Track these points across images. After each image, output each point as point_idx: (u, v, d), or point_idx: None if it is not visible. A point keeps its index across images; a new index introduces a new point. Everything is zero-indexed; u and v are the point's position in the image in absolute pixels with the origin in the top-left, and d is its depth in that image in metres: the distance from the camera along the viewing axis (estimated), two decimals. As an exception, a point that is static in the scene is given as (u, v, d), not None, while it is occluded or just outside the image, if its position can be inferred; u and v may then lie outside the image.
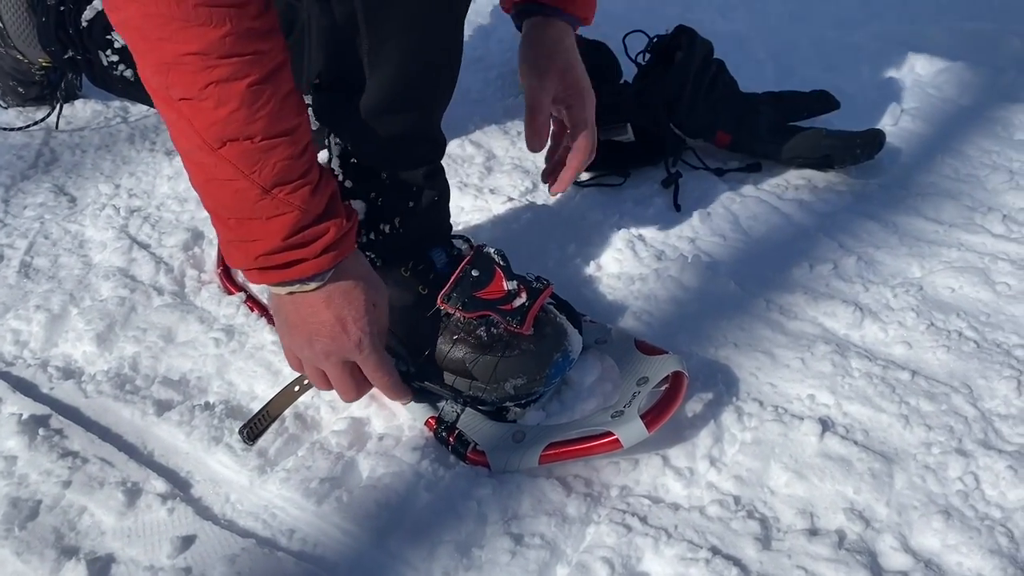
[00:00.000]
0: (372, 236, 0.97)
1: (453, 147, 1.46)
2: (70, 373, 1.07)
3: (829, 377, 1.00)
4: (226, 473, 0.94)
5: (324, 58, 0.89)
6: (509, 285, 0.98)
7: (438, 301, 0.96)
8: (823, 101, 1.39)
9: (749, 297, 1.12)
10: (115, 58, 1.40)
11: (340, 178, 0.94)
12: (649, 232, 1.25)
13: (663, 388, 0.93)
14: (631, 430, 0.87)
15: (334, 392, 1.00)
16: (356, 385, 0.92)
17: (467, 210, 1.31)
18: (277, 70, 0.75)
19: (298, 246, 0.80)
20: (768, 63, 1.66)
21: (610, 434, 0.87)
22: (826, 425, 0.94)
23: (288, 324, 0.90)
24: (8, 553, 0.84)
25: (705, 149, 1.39)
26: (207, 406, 1.00)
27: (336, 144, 0.94)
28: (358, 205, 0.94)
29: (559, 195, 1.33)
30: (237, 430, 0.95)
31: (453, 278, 0.96)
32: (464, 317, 0.95)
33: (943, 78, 1.60)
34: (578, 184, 1.35)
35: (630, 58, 1.44)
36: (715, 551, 0.83)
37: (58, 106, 1.53)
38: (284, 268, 0.82)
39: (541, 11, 1.08)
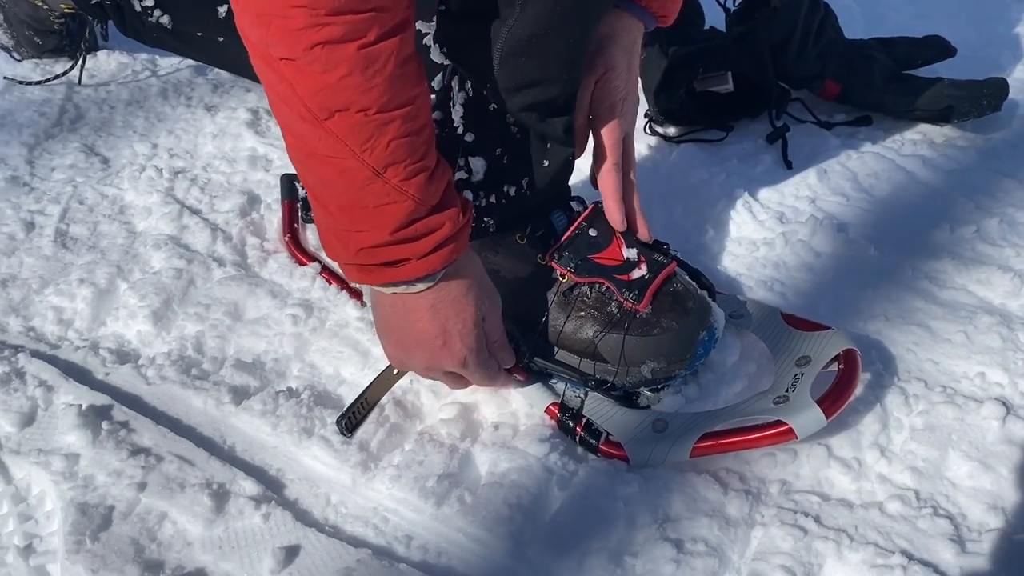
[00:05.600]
0: (492, 200, 0.83)
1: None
2: (125, 356, 0.94)
3: (999, 352, 0.89)
4: (324, 471, 0.81)
5: None
6: (628, 253, 0.86)
7: (547, 258, 0.84)
8: (938, 47, 1.27)
9: (891, 263, 1.00)
10: (150, 2, 1.25)
11: (460, 130, 0.80)
12: (762, 192, 1.12)
13: (832, 368, 0.81)
14: (807, 418, 0.75)
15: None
16: (463, 383, 0.83)
17: (553, 169, 1.18)
18: (397, 29, 0.62)
19: (407, 240, 0.69)
20: (855, 8, 1.53)
21: (781, 423, 0.75)
22: (1008, 407, 0.83)
23: (385, 326, 0.79)
24: (82, 570, 0.72)
25: (807, 100, 1.27)
26: (291, 392, 0.87)
27: (462, 86, 0.80)
28: (478, 164, 0.81)
29: (653, 152, 1.20)
30: (334, 421, 0.83)
31: (567, 233, 0.85)
32: (575, 282, 0.84)
33: (1050, 24, 1.48)
34: (672, 140, 1.22)
35: (718, 2, 1.30)
36: (908, 555, 0.72)
37: (81, 58, 1.37)
38: (388, 267, 0.71)
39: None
